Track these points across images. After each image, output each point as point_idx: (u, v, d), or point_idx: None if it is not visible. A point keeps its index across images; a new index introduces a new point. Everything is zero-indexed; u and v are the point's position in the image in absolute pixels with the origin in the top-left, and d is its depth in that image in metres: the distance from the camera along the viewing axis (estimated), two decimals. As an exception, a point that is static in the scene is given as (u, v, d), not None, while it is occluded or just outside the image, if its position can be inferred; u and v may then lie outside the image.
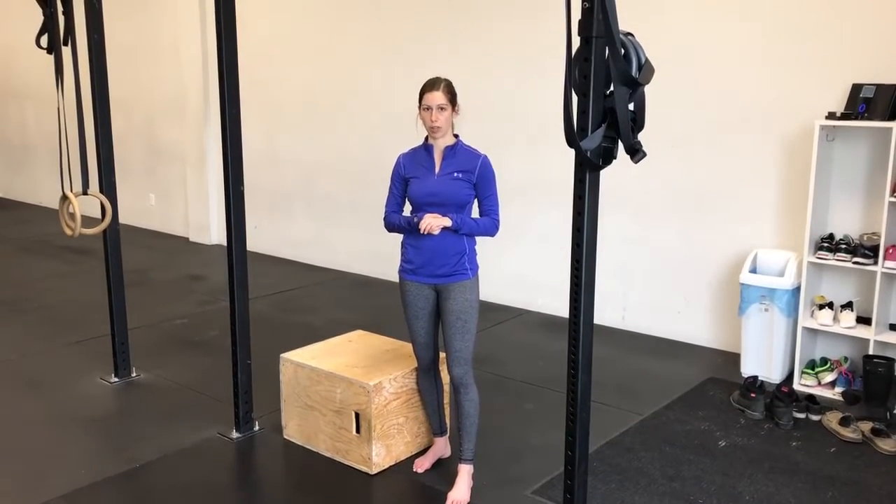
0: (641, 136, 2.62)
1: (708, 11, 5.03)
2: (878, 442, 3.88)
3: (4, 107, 10.96)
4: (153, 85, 8.77)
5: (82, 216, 4.09)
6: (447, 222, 3.25)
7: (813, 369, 4.62)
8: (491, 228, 3.36)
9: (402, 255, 3.44)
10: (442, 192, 3.27)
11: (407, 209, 3.46)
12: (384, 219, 3.46)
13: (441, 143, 3.33)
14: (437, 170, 3.33)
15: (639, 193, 5.43)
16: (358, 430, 3.65)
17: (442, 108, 3.25)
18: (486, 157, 3.35)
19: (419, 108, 3.31)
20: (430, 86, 3.29)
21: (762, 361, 4.78)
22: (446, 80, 3.32)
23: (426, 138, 3.38)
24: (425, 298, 3.41)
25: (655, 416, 4.27)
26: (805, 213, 4.51)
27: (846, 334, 4.49)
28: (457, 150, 3.33)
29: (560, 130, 2.53)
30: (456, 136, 3.37)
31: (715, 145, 5.11)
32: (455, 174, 3.29)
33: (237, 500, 3.52)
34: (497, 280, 6.08)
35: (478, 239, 3.41)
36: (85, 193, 4.22)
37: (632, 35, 2.51)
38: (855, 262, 4.36)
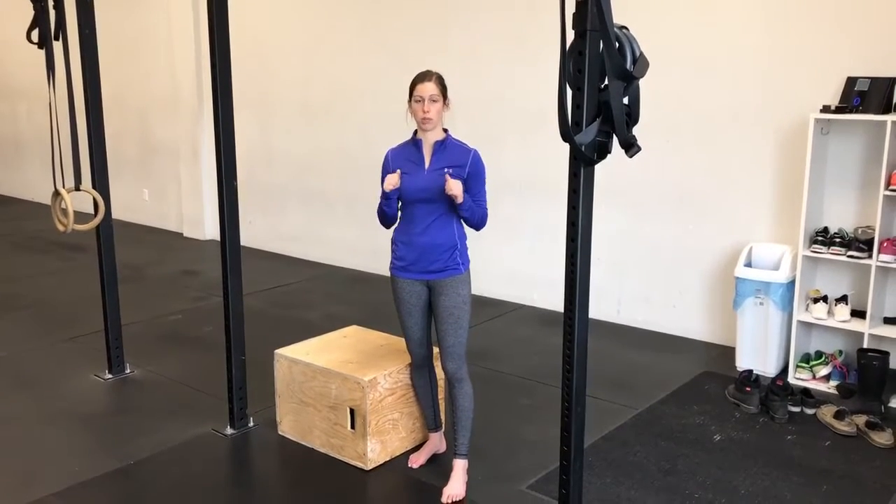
0: (636, 130, 2.61)
1: (702, 5, 5.02)
2: (873, 435, 3.89)
3: (-4, 102, 10.91)
4: (146, 80, 8.73)
5: (76, 212, 4.07)
6: (461, 198, 3.20)
7: (808, 363, 4.62)
8: (483, 218, 3.35)
9: (393, 252, 3.43)
10: (433, 187, 3.25)
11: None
12: (377, 211, 3.40)
13: (431, 138, 3.32)
14: (426, 165, 3.31)
15: (633, 187, 5.42)
16: (353, 426, 3.64)
17: (434, 100, 3.23)
18: (476, 151, 3.33)
19: (409, 100, 3.29)
20: (421, 77, 3.27)
21: (757, 355, 4.79)
22: (437, 72, 3.30)
23: (415, 133, 3.37)
24: (417, 295, 3.40)
25: (651, 410, 4.28)
26: (800, 207, 4.51)
27: (841, 328, 4.50)
28: (447, 145, 3.32)
29: (554, 124, 2.52)
30: (445, 130, 3.35)
31: (710, 139, 5.11)
32: (446, 169, 3.27)
33: (232, 497, 3.51)
34: (492, 275, 6.08)
35: (471, 233, 3.40)
36: (77, 189, 4.20)
37: (626, 28, 2.50)
38: (850, 256, 4.37)
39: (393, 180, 3.26)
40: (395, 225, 3.46)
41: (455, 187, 3.18)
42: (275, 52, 7.50)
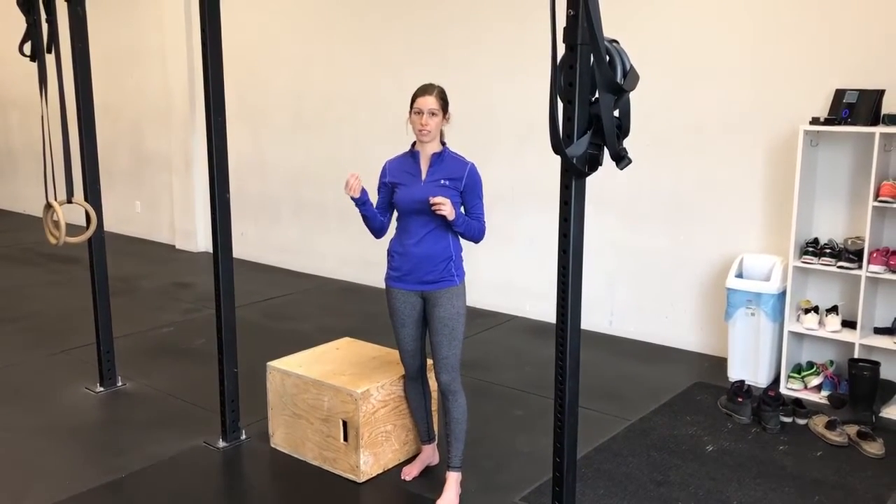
0: (627, 141, 2.63)
1: (692, 18, 5.06)
2: (864, 445, 3.90)
3: (-12, 114, 10.89)
4: (139, 91, 8.73)
5: (68, 224, 4.06)
6: (452, 215, 3.20)
7: (799, 373, 4.64)
8: (480, 232, 3.36)
9: (389, 262, 3.44)
10: (428, 198, 3.26)
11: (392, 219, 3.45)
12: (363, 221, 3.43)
13: (428, 150, 3.34)
14: (423, 176, 3.33)
15: (625, 199, 5.45)
16: (345, 439, 3.63)
17: (433, 114, 3.25)
18: (473, 164, 3.35)
19: (410, 112, 3.31)
20: (423, 90, 3.29)
21: (749, 366, 4.80)
22: (440, 86, 3.32)
23: (413, 144, 3.38)
24: (412, 306, 3.41)
25: (643, 421, 4.28)
26: (790, 218, 4.54)
27: (832, 338, 4.52)
28: (444, 158, 3.33)
29: (546, 136, 2.54)
30: (443, 143, 3.37)
31: (701, 151, 5.14)
32: (442, 181, 3.29)
33: (224, 510, 3.50)
34: (484, 286, 6.08)
35: (464, 244, 3.41)
36: (69, 202, 4.19)
37: (617, 42, 2.52)
38: (839, 267, 4.39)
39: (351, 186, 3.24)
40: (392, 235, 3.47)
41: (444, 207, 3.16)
42: (268, 64, 7.52)
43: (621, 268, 5.58)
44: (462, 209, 3.36)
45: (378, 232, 3.46)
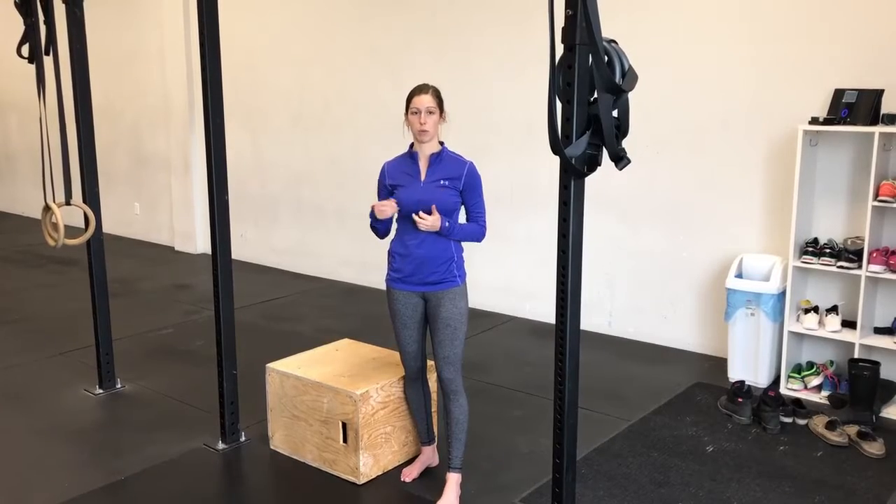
0: (626, 142, 2.63)
1: (691, 18, 5.06)
2: (864, 445, 3.90)
3: (-13, 116, 10.89)
4: (137, 93, 8.73)
5: (66, 226, 4.06)
6: (438, 226, 3.24)
7: (799, 373, 4.63)
8: (479, 234, 3.36)
9: (390, 263, 3.44)
10: (428, 199, 3.26)
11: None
12: (370, 226, 3.46)
13: (427, 150, 3.33)
14: (422, 177, 3.32)
15: (624, 199, 5.45)
16: (345, 440, 3.63)
17: (430, 112, 3.26)
18: (472, 163, 3.35)
19: (406, 113, 3.30)
20: (418, 90, 3.29)
21: (749, 366, 4.80)
22: (434, 86, 3.33)
23: (411, 145, 3.38)
24: (413, 307, 3.40)
25: (643, 421, 4.28)
26: (790, 218, 4.54)
27: (831, 338, 4.52)
28: (442, 158, 3.33)
29: (545, 136, 2.53)
30: (441, 143, 3.37)
31: (700, 151, 5.14)
32: (441, 181, 3.29)
33: (223, 512, 3.50)
34: (484, 287, 6.08)
35: (464, 245, 3.41)
36: (68, 204, 4.19)
37: (615, 42, 2.52)
38: (839, 267, 4.39)
39: (386, 211, 3.27)
40: (391, 237, 3.47)
41: (424, 222, 3.19)
42: (267, 65, 7.52)
43: (621, 268, 5.58)
44: (462, 209, 3.37)
45: (384, 234, 3.47)
